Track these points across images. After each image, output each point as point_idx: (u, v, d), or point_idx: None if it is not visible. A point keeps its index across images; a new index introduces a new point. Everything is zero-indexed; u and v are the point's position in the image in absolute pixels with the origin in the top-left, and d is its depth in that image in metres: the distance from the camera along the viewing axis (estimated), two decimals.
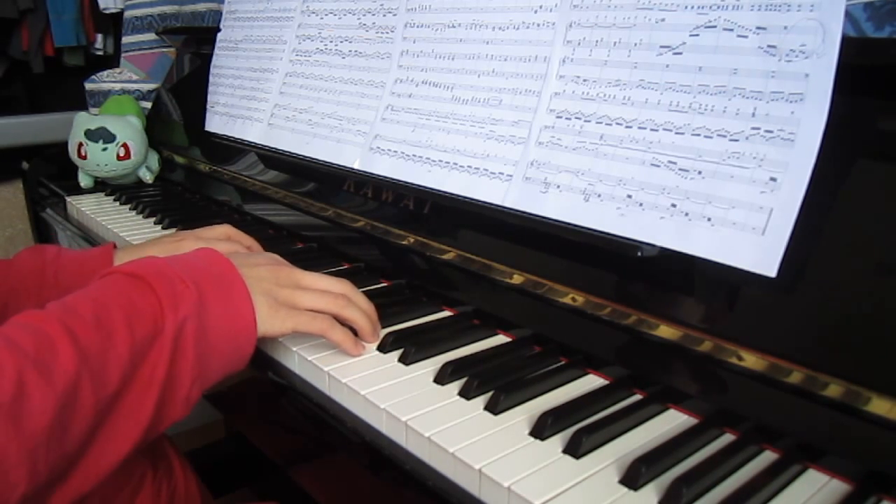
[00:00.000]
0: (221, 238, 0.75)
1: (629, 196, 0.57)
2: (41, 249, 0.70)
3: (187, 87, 1.33)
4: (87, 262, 0.70)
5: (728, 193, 0.51)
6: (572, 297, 0.60)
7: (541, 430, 0.49)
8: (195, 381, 0.51)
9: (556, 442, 0.48)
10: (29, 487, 0.41)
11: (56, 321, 0.46)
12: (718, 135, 0.53)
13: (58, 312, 0.47)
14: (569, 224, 0.60)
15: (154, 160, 1.25)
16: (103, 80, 1.42)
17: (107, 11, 1.59)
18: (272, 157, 1.01)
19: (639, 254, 0.55)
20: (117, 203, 1.14)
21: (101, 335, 0.46)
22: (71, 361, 0.44)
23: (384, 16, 0.84)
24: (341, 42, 0.90)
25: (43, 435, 0.41)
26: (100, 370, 0.45)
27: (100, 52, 1.69)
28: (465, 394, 0.54)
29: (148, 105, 1.38)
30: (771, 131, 0.50)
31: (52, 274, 0.68)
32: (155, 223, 1.01)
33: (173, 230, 0.97)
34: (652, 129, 0.56)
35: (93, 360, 0.45)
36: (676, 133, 0.55)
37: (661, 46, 0.57)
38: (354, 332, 0.61)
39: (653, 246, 0.55)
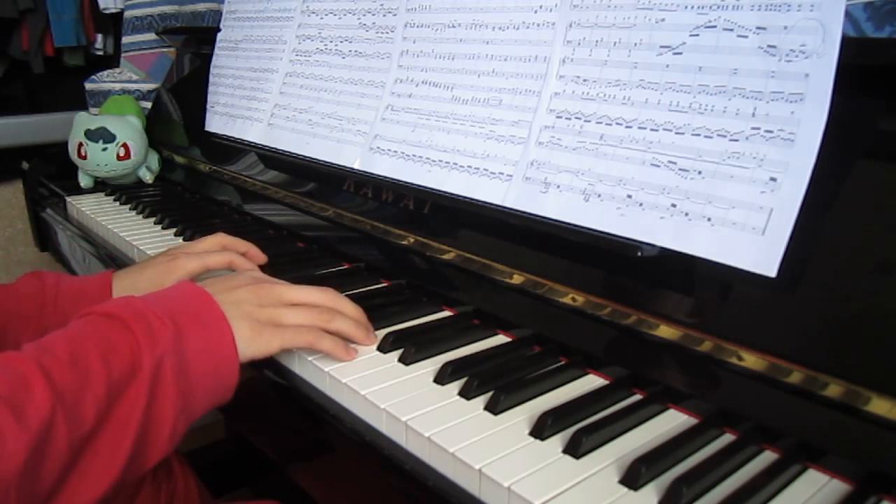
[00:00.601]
0: (215, 249, 0.74)
1: (629, 196, 0.57)
2: (41, 276, 0.70)
3: (187, 87, 1.33)
4: (87, 289, 0.70)
5: (728, 193, 0.51)
6: (572, 297, 0.60)
7: (541, 430, 0.49)
8: (179, 416, 0.51)
9: (556, 442, 0.48)
10: None
11: (30, 361, 0.45)
12: (718, 135, 0.53)
13: (33, 352, 0.47)
14: (569, 224, 0.60)
15: (154, 160, 1.26)
16: (103, 80, 1.42)
17: (107, 11, 1.58)
18: (272, 157, 1.01)
19: (639, 254, 0.55)
20: (117, 203, 1.14)
21: (77, 373, 0.46)
22: (45, 400, 0.43)
23: (384, 16, 0.84)
24: (341, 42, 0.90)
25: (15, 475, 0.41)
26: (75, 409, 0.45)
27: (100, 52, 1.69)
28: (465, 394, 0.54)
29: (148, 105, 1.38)
30: (771, 131, 0.50)
31: (52, 300, 0.68)
32: (155, 223, 1.01)
33: (173, 230, 0.97)
34: (652, 129, 0.56)
35: (68, 399, 0.45)
36: (676, 133, 0.55)
37: (662, 46, 0.57)
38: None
39: (653, 246, 0.55)
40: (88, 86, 1.44)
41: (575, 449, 0.47)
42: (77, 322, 0.52)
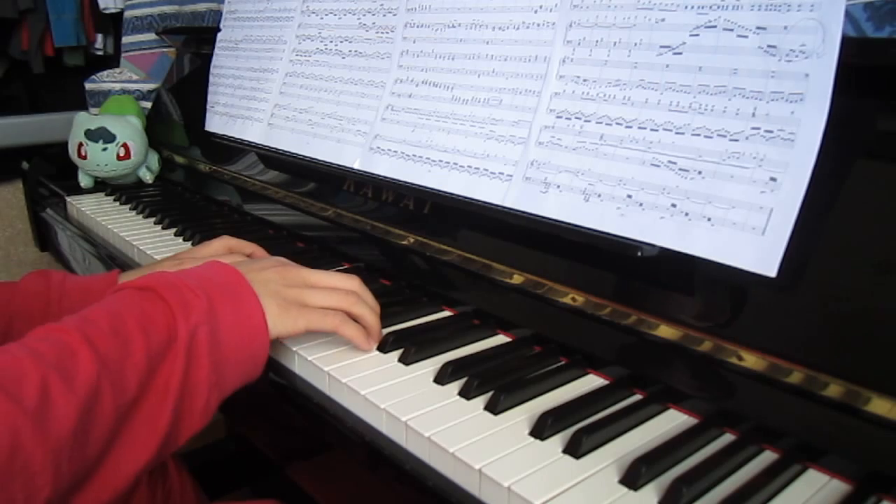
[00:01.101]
0: (221, 252, 0.75)
1: (629, 196, 0.57)
2: (47, 274, 0.71)
3: (187, 87, 1.33)
4: (92, 288, 0.70)
5: (728, 193, 0.51)
6: (572, 297, 0.60)
7: (541, 430, 0.49)
8: (212, 388, 0.51)
9: (556, 442, 0.48)
10: (53, 492, 0.42)
11: (74, 331, 0.47)
12: (718, 135, 0.53)
13: (75, 323, 0.48)
14: (569, 224, 0.60)
15: (154, 160, 1.25)
16: (103, 80, 1.42)
17: (107, 11, 1.58)
18: (272, 157, 1.01)
19: (639, 254, 0.55)
20: (117, 203, 1.14)
21: (118, 343, 0.47)
22: (91, 368, 0.45)
23: (384, 16, 0.84)
24: (341, 42, 0.90)
25: (67, 440, 0.42)
26: (118, 377, 0.46)
27: (100, 52, 1.69)
28: (465, 394, 0.54)
29: (148, 105, 1.38)
30: (771, 131, 0.50)
31: (57, 299, 0.69)
32: (155, 223, 1.01)
33: (173, 230, 0.97)
34: (652, 129, 0.56)
35: (111, 367, 0.46)
36: (676, 133, 0.55)
37: (662, 46, 0.57)
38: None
39: (653, 246, 0.55)
40: (88, 86, 1.44)
41: (575, 449, 0.47)
42: (112, 296, 0.53)
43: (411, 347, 0.60)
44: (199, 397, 0.51)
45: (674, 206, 0.54)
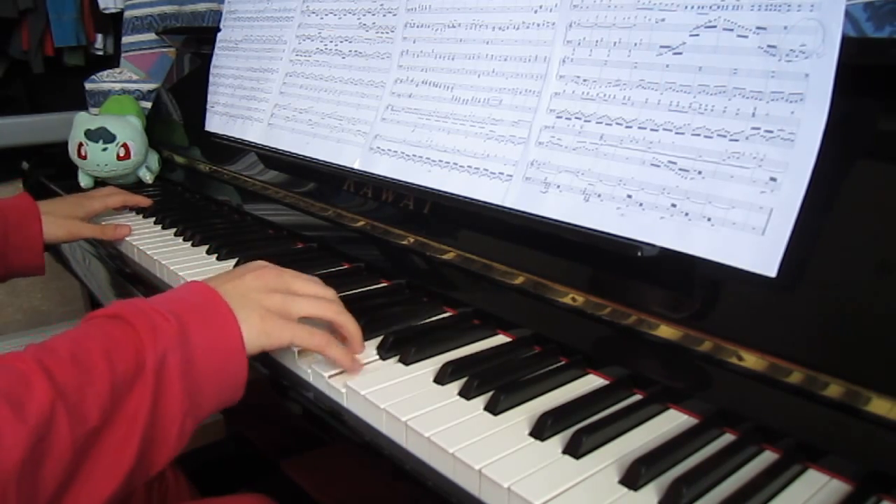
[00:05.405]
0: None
1: (629, 196, 0.57)
2: None
3: (187, 87, 1.33)
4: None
5: (728, 193, 0.51)
6: (572, 297, 0.60)
7: (541, 430, 0.49)
8: (187, 415, 0.50)
9: (556, 442, 0.48)
10: None
11: (30, 359, 0.45)
12: (718, 135, 0.53)
13: (34, 352, 0.47)
14: (569, 224, 0.60)
15: (154, 160, 1.25)
16: (103, 80, 1.42)
17: (107, 11, 1.59)
18: (272, 157, 1.01)
19: (639, 254, 0.55)
20: None
21: (78, 370, 0.46)
22: (45, 396, 0.43)
23: (384, 16, 0.84)
24: (341, 42, 0.90)
25: (14, 470, 0.40)
26: (77, 405, 0.44)
27: (100, 52, 1.69)
28: (465, 394, 0.54)
29: (148, 105, 1.38)
30: (771, 131, 0.50)
31: None
32: (155, 223, 1.01)
33: (173, 230, 0.97)
34: (652, 129, 0.56)
35: (70, 396, 0.44)
36: (676, 133, 0.55)
37: (662, 46, 0.57)
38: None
39: (653, 246, 0.55)
40: (88, 86, 1.44)
41: (575, 449, 0.47)
42: (81, 325, 0.52)
43: (411, 347, 0.60)
44: (173, 425, 0.49)
45: (674, 206, 0.54)
